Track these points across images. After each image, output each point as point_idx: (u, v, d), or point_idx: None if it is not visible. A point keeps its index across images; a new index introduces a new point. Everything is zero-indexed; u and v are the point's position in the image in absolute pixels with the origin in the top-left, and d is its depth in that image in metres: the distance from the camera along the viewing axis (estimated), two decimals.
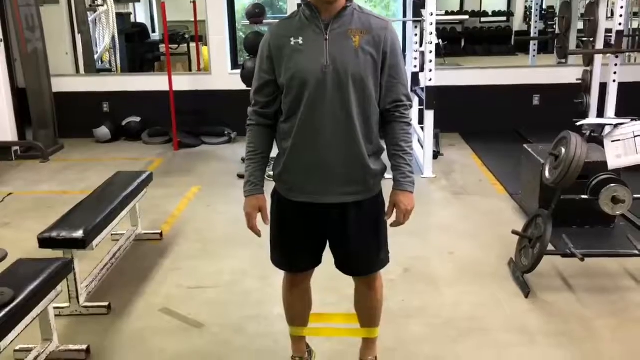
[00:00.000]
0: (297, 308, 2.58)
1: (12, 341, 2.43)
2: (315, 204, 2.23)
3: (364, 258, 2.38)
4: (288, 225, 2.34)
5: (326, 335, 2.86)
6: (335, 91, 2.09)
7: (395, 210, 2.29)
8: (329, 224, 2.29)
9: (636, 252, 3.41)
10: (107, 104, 7.33)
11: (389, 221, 2.33)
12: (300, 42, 2.11)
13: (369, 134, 2.19)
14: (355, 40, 2.10)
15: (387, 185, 2.30)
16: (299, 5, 2.24)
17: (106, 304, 3.25)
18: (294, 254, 2.39)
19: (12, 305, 2.39)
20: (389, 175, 2.31)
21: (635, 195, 3.47)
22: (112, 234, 3.86)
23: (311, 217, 2.27)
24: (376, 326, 2.62)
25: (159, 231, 4.26)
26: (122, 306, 3.30)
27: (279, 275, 3.36)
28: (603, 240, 4.04)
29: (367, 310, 2.58)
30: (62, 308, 3.18)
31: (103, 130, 7.14)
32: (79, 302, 3.20)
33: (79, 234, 3.10)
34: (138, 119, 7.22)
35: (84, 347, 2.86)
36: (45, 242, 3.11)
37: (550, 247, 3.39)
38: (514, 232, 3.59)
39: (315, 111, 2.11)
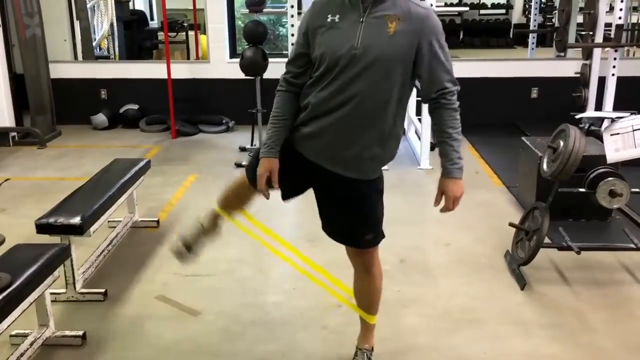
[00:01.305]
0: (240, 198, 2.66)
1: (8, 326, 2.44)
2: (311, 161, 2.29)
3: (346, 229, 2.41)
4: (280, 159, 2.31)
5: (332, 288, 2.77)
6: (361, 74, 2.11)
7: (443, 197, 2.29)
8: (317, 180, 2.34)
9: (632, 245, 3.43)
10: (104, 91, 7.30)
11: (438, 207, 2.33)
12: (337, 20, 2.15)
13: (386, 120, 2.19)
14: (391, 27, 2.10)
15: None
16: None
17: (102, 290, 3.26)
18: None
19: (8, 290, 2.39)
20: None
21: (633, 189, 3.48)
22: (109, 221, 3.85)
23: (304, 166, 2.31)
24: (374, 314, 2.64)
25: (156, 219, 4.26)
26: (118, 293, 3.31)
27: (276, 264, 3.37)
28: (599, 233, 4.05)
29: (365, 295, 2.60)
30: (59, 294, 3.18)
31: (100, 117, 7.11)
32: (75, 288, 3.20)
33: (77, 220, 3.10)
34: (136, 107, 7.20)
35: (80, 333, 2.86)
36: (42, 227, 3.10)
37: (546, 240, 3.40)
38: (511, 225, 3.60)
39: (338, 91, 2.15)
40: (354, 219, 2.37)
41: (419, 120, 5.75)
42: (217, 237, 2.79)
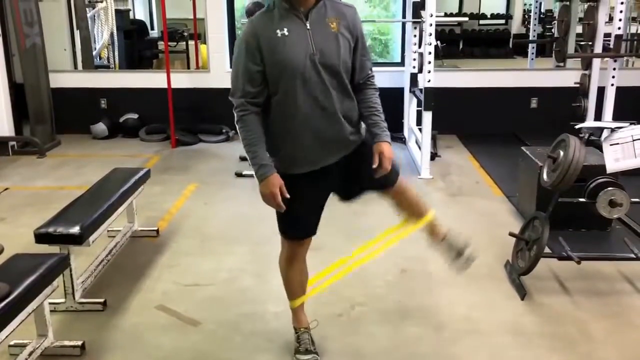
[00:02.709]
0: (297, 280, 2.76)
1: (7, 336, 2.42)
2: (315, 170, 2.48)
3: (374, 181, 2.56)
4: (297, 196, 2.45)
5: (326, 285, 2.97)
6: (323, 74, 2.34)
7: (379, 159, 2.47)
8: (333, 178, 2.55)
9: (632, 255, 3.42)
10: (104, 101, 7.32)
11: (374, 167, 2.50)
12: (286, 32, 2.31)
13: (351, 107, 2.48)
14: (333, 27, 2.36)
15: None
16: None
17: (102, 300, 3.25)
18: (304, 222, 2.60)
19: (7, 300, 2.38)
20: None
21: (633, 199, 3.47)
22: (108, 230, 3.85)
23: (314, 180, 2.50)
24: (428, 209, 2.86)
25: (156, 228, 4.25)
26: (117, 302, 3.30)
27: (276, 272, 3.37)
28: (599, 243, 4.05)
29: (413, 200, 2.81)
30: (58, 304, 3.17)
31: (100, 127, 7.12)
32: (74, 298, 3.19)
33: (76, 229, 3.09)
34: (136, 116, 7.21)
35: (79, 343, 2.85)
36: (41, 237, 3.10)
37: (546, 250, 3.40)
38: (511, 234, 3.59)
39: (307, 95, 2.35)
40: (371, 170, 2.50)
41: (420, 130, 5.75)
42: None
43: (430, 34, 5.37)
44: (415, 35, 6.29)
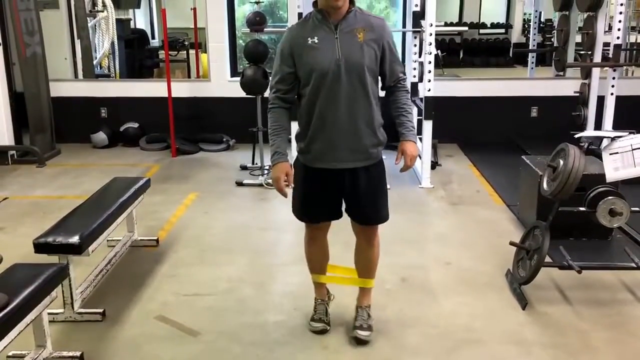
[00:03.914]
0: (316, 258, 3.05)
1: (5, 347, 2.41)
2: (332, 169, 2.74)
3: (370, 210, 2.86)
4: (310, 187, 2.81)
5: (336, 283, 3.16)
6: (347, 79, 2.61)
7: (402, 157, 2.74)
8: (343, 184, 2.77)
9: (633, 265, 3.41)
10: (105, 110, 7.33)
11: (398, 166, 2.76)
12: (316, 41, 2.62)
13: (371, 112, 2.69)
14: (360, 37, 2.62)
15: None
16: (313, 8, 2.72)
17: (101, 310, 3.23)
18: (314, 209, 2.87)
19: (6, 310, 2.37)
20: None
21: (633, 208, 3.47)
22: (108, 240, 3.84)
23: (328, 179, 2.76)
24: (372, 278, 3.06)
25: (156, 238, 4.24)
26: (116, 313, 3.28)
27: (276, 282, 3.38)
28: (600, 252, 4.04)
29: (366, 262, 3.01)
30: (57, 314, 3.15)
31: (100, 136, 7.12)
32: (73, 308, 3.18)
33: (75, 239, 3.08)
34: (136, 125, 7.21)
35: (78, 353, 2.83)
36: (40, 247, 3.09)
37: (547, 259, 3.39)
38: (512, 244, 3.59)
39: (331, 96, 2.63)
40: (372, 199, 2.82)
41: (420, 139, 5.75)
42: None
43: (430, 44, 5.38)
44: (415, 45, 6.30)
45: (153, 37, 10.84)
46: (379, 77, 2.75)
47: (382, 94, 2.81)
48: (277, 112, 2.75)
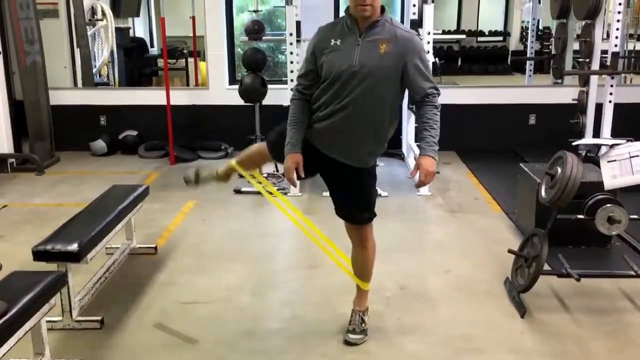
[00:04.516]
0: (255, 159, 3.29)
1: (4, 355, 2.41)
2: (325, 154, 2.84)
3: (354, 209, 2.94)
4: (314, 162, 2.86)
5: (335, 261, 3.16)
6: (359, 86, 2.67)
7: (418, 171, 2.73)
8: (329, 170, 2.91)
9: (632, 273, 3.40)
10: (104, 118, 7.33)
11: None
12: (339, 43, 2.71)
13: (377, 121, 2.76)
14: (381, 48, 2.66)
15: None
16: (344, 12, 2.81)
17: (99, 318, 3.23)
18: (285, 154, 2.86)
19: (4, 318, 2.37)
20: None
21: (632, 216, 3.47)
22: (106, 248, 3.83)
23: (319, 158, 2.85)
24: (368, 281, 3.11)
25: (154, 245, 4.24)
26: (115, 321, 3.27)
27: (275, 290, 3.36)
28: (599, 260, 4.04)
29: (361, 265, 3.07)
30: (55, 322, 3.15)
31: (99, 144, 7.13)
32: (72, 316, 3.17)
33: (74, 247, 3.08)
34: (135, 133, 7.22)
35: None
36: (39, 254, 3.09)
37: (546, 267, 3.39)
38: (510, 251, 3.59)
39: (339, 99, 2.71)
40: (356, 200, 2.91)
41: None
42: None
43: (428, 52, 5.41)
44: None
45: (152, 46, 10.85)
46: (407, 90, 2.80)
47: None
48: (295, 104, 2.85)
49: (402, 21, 7.25)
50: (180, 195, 5.53)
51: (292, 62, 5.38)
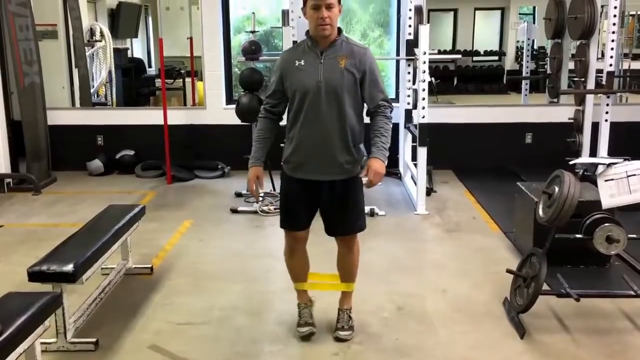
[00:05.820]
0: (297, 268, 3.27)
1: None
2: (312, 180, 3.00)
3: (346, 222, 3.10)
4: (292, 196, 3.09)
5: (319, 289, 3.38)
6: (326, 100, 2.90)
7: (367, 173, 2.92)
8: (321, 195, 3.03)
9: (632, 292, 3.38)
10: (101, 137, 7.34)
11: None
12: (303, 63, 2.94)
13: (345, 131, 2.94)
14: (341, 63, 2.91)
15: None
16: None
17: (93, 340, 3.19)
18: (296, 216, 3.10)
19: None
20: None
21: (630, 235, 3.46)
22: (102, 268, 3.81)
23: (309, 189, 3.03)
24: (352, 282, 3.27)
25: (150, 265, 4.21)
26: (110, 342, 3.24)
27: (271, 311, 3.35)
28: (598, 280, 4.02)
29: (346, 267, 3.23)
30: (49, 343, 3.11)
31: (96, 163, 7.12)
32: (66, 337, 3.13)
33: (69, 267, 3.05)
34: (132, 153, 7.22)
35: None
36: (34, 275, 3.06)
37: (545, 287, 3.36)
38: (508, 271, 3.57)
39: (311, 114, 2.92)
40: (352, 210, 3.08)
41: (415, 165, 5.76)
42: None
43: (424, 71, 5.43)
44: (409, 72, 6.35)
45: (150, 66, 10.90)
46: (365, 101, 3.01)
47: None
48: (262, 122, 3.09)
49: (397, 42, 7.30)
50: (176, 215, 5.51)
51: None
